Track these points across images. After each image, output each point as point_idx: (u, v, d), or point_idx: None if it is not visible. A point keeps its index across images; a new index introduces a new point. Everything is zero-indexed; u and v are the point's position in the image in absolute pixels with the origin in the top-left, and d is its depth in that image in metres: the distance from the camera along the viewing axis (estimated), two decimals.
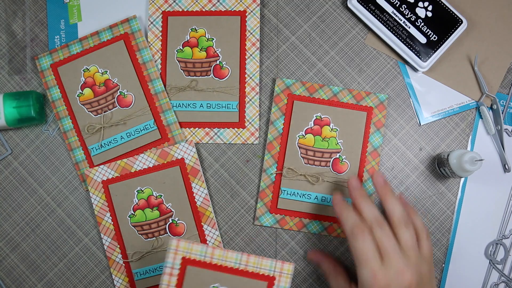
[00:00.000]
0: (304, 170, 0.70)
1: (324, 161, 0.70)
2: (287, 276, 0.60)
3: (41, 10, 0.74)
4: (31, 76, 0.73)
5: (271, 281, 0.60)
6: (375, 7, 0.71)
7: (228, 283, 0.60)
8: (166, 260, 0.60)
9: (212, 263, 0.60)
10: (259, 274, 0.60)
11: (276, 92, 0.72)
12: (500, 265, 0.71)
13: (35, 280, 0.71)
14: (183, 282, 0.60)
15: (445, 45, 0.70)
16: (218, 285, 0.60)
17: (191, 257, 0.60)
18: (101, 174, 0.70)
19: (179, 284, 0.60)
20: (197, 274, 0.60)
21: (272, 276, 0.60)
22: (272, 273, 0.60)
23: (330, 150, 0.70)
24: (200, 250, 0.60)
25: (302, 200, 0.70)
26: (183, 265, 0.60)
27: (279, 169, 0.71)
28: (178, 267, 0.60)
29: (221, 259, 0.60)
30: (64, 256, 0.71)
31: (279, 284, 0.60)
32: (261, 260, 0.60)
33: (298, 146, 0.71)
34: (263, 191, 0.71)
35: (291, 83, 0.72)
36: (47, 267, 0.71)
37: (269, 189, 0.71)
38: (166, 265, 0.60)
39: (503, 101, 0.72)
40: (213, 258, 0.60)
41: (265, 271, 0.60)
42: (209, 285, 0.60)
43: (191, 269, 0.60)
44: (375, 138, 0.71)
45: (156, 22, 0.73)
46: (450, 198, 0.71)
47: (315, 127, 0.71)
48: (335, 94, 0.71)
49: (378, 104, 0.71)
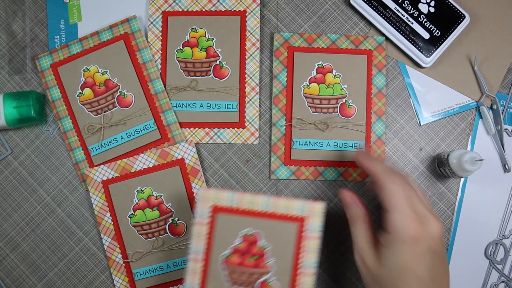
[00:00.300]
0: (313, 118, 0.71)
1: (331, 108, 0.71)
2: (318, 215, 0.60)
3: (41, 10, 0.74)
4: (31, 76, 0.73)
5: (302, 221, 0.60)
6: (377, 4, 0.71)
7: (259, 227, 0.60)
8: (196, 210, 0.60)
9: (241, 208, 0.60)
10: (289, 216, 0.60)
11: (276, 47, 0.72)
12: (500, 265, 0.71)
13: (35, 280, 0.71)
14: (214, 230, 0.60)
15: (448, 41, 0.70)
16: (249, 230, 0.60)
17: (220, 204, 0.60)
18: (101, 174, 0.70)
19: (210, 233, 0.60)
20: (228, 221, 0.60)
21: (302, 217, 0.60)
22: (302, 214, 0.60)
23: (336, 96, 0.71)
24: (228, 197, 0.60)
25: (314, 149, 0.71)
26: (212, 214, 0.60)
27: (288, 121, 0.71)
28: (207, 215, 0.60)
29: (250, 204, 0.60)
30: (64, 256, 0.71)
31: (310, 224, 0.60)
32: (291, 201, 0.60)
33: (304, 96, 0.71)
34: (275, 144, 0.71)
35: (289, 36, 0.72)
36: (47, 267, 0.71)
37: (280, 142, 0.71)
38: (196, 216, 0.60)
39: (503, 101, 0.72)
40: (242, 203, 0.60)
41: (294, 212, 0.60)
42: (240, 231, 0.60)
43: (221, 217, 0.60)
44: (378, 80, 0.71)
45: (156, 22, 0.73)
46: (450, 198, 0.71)
47: (318, 76, 0.71)
48: (333, 42, 0.72)
49: (377, 46, 0.72)
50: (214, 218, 0.60)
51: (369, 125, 0.71)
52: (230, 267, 0.60)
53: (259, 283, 0.60)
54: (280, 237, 0.60)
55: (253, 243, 0.60)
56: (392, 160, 0.71)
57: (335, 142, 0.71)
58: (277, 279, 0.60)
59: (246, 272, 0.60)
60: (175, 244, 0.69)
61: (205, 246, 0.60)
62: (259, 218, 0.60)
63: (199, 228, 0.60)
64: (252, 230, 0.60)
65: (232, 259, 0.60)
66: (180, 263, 0.69)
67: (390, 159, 0.72)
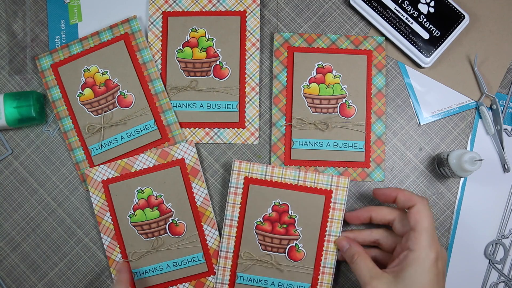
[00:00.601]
0: (313, 118, 0.71)
1: (331, 108, 0.71)
2: (343, 189, 0.67)
3: (41, 10, 0.74)
4: (32, 76, 0.73)
5: (329, 194, 0.67)
6: (377, 4, 0.71)
7: (288, 198, 0.68)
8: (231, 180, 0.68)
9: (273, 180, 0.68)
10: (317, 188, 0.67)
11: (276, 47, 0.72)
12: (500, 264, 0.71)
13: (36, 280, 0.71)
14: (247, 200, 0.68)
15: (448, 41, 0.71)
16: (279, 201, 0.67)
17: (253, 176, 0.68)
18: (101, 174, 0.70)
19: (243, 202, 0.68)
20: (259, 191, 0.68)
21: (330, 190, 0.67)
22: (329, 187, 0.67)
23: (336, 96, 0.71)
24: (260, 170, 0.68)
25: (314, 149, 0.71)
26: (245, 184, 0.67)
27: (288, 121, 0.71)
28: (241, 186, 0.68)
29: (280, 177, 0.68)
30: (65, 256, 0.72)
31: (336, 197, 0.67)
32: (318, 175, 0.67)
33: (304, 96, 0.71)
34: (275, 144, 0.71)
35: (289, 36, 0.73)
36: (47, 267, 0.71)
37: (280, 141, 0.71)
38: (231, 185, 0.68)
39: (502, 101, 0.72)
40: (273, 176, 0.68)
41: (322, 186, 0.67)
42: (271, 201, 0.68)
43: (253, 187, 0.68)
44: (378, 80, 0.72)
45: (156, 22, 0.73)
46: (450, 198, 0.71)
47: (318, 76, 0.72)
48: (333, 42, 0.72)
49: (377, 46, 0.72)
50: (247, 188, 0.67)
51: (369, 125, 0.71)
52: (262, 233, 0.68)
53: (288, 248, 0.67)
54: (308, 207, 0.67)
55: (283, 212, 0.67)
56: (392, 160, 0.71)
57: (335, 142, 0.71)
58: (304, 245, 0.67)
59: (276, 238, 0.68)
60: (175, 244, 0.70)
61: (239, 214, 0.68)
62: (289, 190, 0.67)
63: (233, 197, 0.68)
64: (282, 200, 0.67)
65: (264, 226, 0.68)
66: (180, 263, 0.70)
67: (390, 159, 0.72)
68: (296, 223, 0.67)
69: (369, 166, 0.70)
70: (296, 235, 0.67)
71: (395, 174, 0.71)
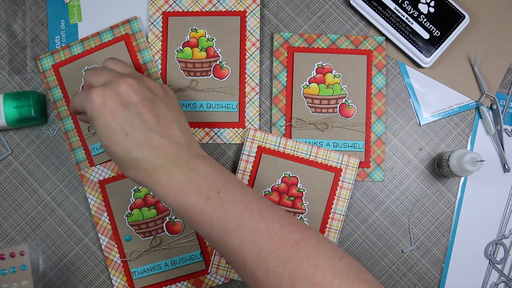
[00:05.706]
0: (312, 118, 0.71)
1: (331, 108, 0.71)
2: (352, 169, 0.68)
3: (41, 10, 0.74)
4: (32, 76, 0.74)
5: (338, 172, 0.68)
6: (377, 4, 0.71)
7: (298, 171, 0.68)
8: (244, 148, 0.69)
9: (285, 152, 0.68)
10: (327, 165, 0.68)
11: (276, 47, 0.72)
12: (500, 265, 0.70)
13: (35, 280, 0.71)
14: (258, 168, 0.68)
15: (448, 41, 0.70)
16: (290, 173, 0.68)
17: (266, 146, 0.69)
18: (97, 174, 0.70)
19: (254, 170, 0.69)
20: (271, 162, 0.69)
21: (339, 168, 0.68)
22: (339, 165, 0.68)
23: (336, 96, 0.71)
24: (274, 141, 0.69)
25: None
26: (258, 153, 0.68)
27: (288, 121, 0.71)
28: (254, 154, 0.69)
29: (293, 150, 0.69)
30: (65, 256, 0.72)
31: (345, 175, 0.68)
32: (330, 152, 0.68)
33: (304, 96, 0.72)
34: None
35: (289, 36, 0.73)
36: (47, 267, 0.71)
37: None
38: (243, 153, 0.69)
39: (503, 101, 0.72)
40: (286, 148, 0.69)
41: (332, 163, 0.68)
42: (282, 172, 0.68)
43: (265, 157, 0.69)
44: (378, 80, 0.72)
45: (156, 22, 0.73)
46: (450, 198, 0.71)
47: (318, 76, 0.72)
48: (333, 42, 0.72)
49: (377, 46, 0.72)
50: (260, 157, 0.68)
51: (368, 125, 0.71)
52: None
53: None
54: (317, 183, 0.68)
55: (292, 185, 0.68)
56: (392, 160, 0.71)
57: (335, 142, 0.71)
58: (308, 220, 0.68)
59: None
60: (173, 243, 0.70)
61: (248, 182, 0.68)
62: (300, 163, 0.68)
63: (245, 165, 0.69)
64: (292, 173, 0.68)
65: (271, 197, 0.69)
66: (178, 261, 0.70)
67: (390, 159, 0.71)
68: (303, 197, 0.68)
69: (369, 166, 0.70)
70: (302, 208, 0.68)
71: (395, 174, 0.71)
